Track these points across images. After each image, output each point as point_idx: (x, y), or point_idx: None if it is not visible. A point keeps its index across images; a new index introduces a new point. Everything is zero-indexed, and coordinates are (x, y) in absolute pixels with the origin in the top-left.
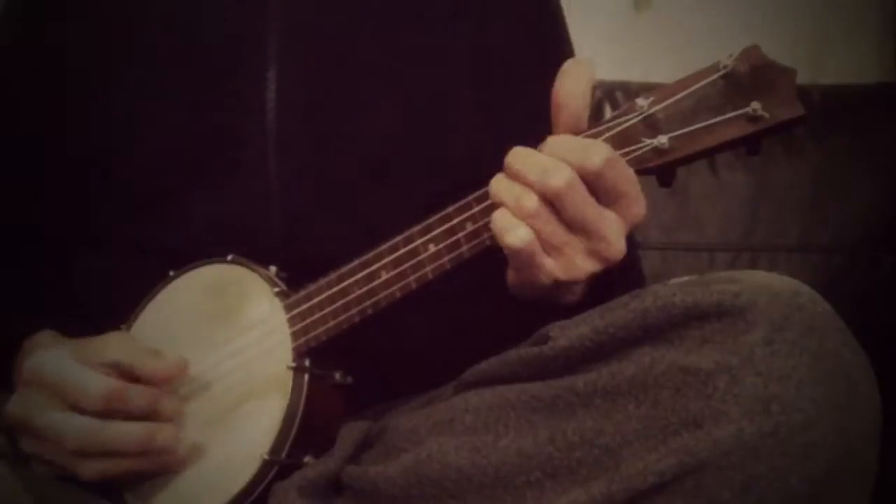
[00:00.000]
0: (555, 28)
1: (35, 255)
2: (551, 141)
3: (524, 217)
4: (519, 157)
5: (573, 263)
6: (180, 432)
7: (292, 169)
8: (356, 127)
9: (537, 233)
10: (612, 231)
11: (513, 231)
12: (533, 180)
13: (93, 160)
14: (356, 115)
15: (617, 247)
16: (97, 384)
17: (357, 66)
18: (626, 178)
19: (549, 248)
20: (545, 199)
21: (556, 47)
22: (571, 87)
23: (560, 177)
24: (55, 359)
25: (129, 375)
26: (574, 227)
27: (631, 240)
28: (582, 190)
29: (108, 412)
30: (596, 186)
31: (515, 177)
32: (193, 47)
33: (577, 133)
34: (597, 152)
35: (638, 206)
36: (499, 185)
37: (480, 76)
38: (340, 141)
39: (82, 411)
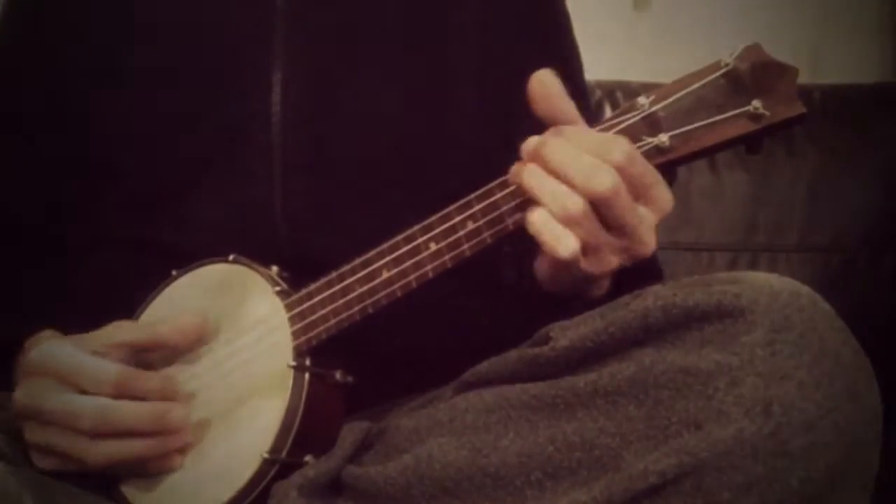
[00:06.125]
0: (559, 31)
1: (38, 254)
2: (570, 132)
3: (566, 221)
4: (558, 151)
5: (606, 260)
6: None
7: (296, 171)
8: (361, 130)
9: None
10: (647, 232)
11: (563, 241)
12: (577, 181)
13: (95, 160)
14: (361, 119)
15: (649, 246)
16: (108, 368)
17: (362, 70)
18: (650, 170)
19: (587, 249)
20: (589, 201)
21: (561, 50)
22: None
23: (607, 180)
24: (60, 348)
25: (143, 354)
26: (613, 228)
27: None
28: (625, 193)
29: (118, 396)
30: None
31: (555, 173)
32: (199, 49)
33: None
34: (617, 147)
35: (666, 196)
36: (535, 179)
37: (485, 79)
38: (345, 143)
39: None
